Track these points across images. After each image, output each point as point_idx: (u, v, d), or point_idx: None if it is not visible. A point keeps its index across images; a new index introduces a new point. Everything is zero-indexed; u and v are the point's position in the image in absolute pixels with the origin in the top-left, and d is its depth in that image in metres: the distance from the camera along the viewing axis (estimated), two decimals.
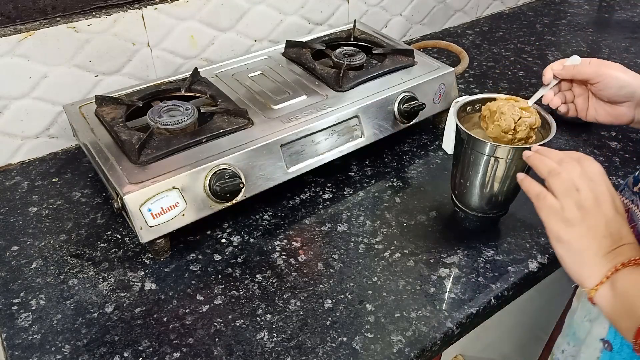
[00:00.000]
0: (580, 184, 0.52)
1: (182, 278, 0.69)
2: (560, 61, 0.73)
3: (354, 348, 0.61)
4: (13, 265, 0.71)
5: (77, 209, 0.80)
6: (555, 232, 0.52)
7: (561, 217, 0.52)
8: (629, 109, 0.69)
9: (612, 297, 0.48)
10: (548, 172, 0.54)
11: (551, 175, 0.54)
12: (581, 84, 0.73)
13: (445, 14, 1.37)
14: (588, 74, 0.69)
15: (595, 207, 0.51)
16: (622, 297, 0.48)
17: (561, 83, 0.74)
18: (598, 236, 0.50)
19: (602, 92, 0.69)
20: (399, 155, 0.92)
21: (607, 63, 0.69)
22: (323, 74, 0.89)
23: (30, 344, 0.61)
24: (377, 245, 0.74)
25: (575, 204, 0.51)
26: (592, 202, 0.51)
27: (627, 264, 0.48)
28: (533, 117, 0.69)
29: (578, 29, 1.41)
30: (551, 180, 0.54)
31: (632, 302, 0.47)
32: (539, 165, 0.56)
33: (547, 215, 0.53)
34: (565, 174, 0.53)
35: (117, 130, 0.74)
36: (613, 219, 0.51)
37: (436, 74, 0.91)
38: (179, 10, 0.93)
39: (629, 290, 0.47)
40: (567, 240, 0.51)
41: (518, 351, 0.96)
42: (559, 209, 0.52)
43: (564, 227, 0.51)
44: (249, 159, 0.73)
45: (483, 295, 0.67)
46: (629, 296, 0.47)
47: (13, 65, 0.82)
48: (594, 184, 0.52)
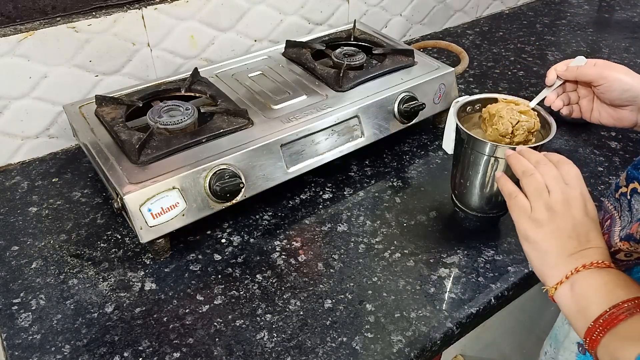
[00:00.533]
0: (553, 185, 0.53)
1: (182, 278, 0.69)
2: (565, 62, 0.72)
3: (354, 348, 0.61)
4: (13, 265, 0.71)
5: (77, 209, 0.80)
6: (524, 231, 0.53)
7: (530, 217, 0.53)
8: (632, 113, 0.69)
9: (570, 297, 0.50)
10: (522, 172, 0.56)
11: (525, 175, 0.55)
12: (586, 86, 0.73)
13: (445, 14, 1.37)
14: (591, 75, 0.69)
15: (564, 210, 0.52)
16: (579, 297, 0.49)
17: (566, 84, 0.74)
18: (564, 237, 0.51)
19: (604, 95, 0.69)
20: (399, 155, 0.92)
21: (612, 65, 0.69)
22: (323, 74, 0.89)
23: (30, 344, 0.61)
24: (377, 245, 0.74)
25: (544, 204, 0.53)
26: (561, 204, 0.52)
27: (588, 266, 0.50)
28: (532, 120, 0.68)
29: (578, 29, 1.41)
30: (524, 180, 0.55)
31: (586, 303, 0.49)
32: (515, 164, 0.57)
33: (517, 215, 0.54)
34: (539, 175, 0.54)
35: (117, 130, 0.74)
36: (581, 222, 0.52)
37: (436, 74, 0.91)
38: (179, 10, 0.93)
39: (585, 291, 0.49)
40: (534, 239, 0.53)
41: (518, 351, 0.96)
42: (528, 209, 0.53)
43: (532, 227, 0.53)
44: (249, 159, 0.73)
45: (483, 295, 0.67)
46: (584, 297, 0.49)
47: (13, 65, 0.82)
48: (567, 187, 0.53)
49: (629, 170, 0.56)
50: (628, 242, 0.51)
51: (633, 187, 0.54)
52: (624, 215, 0.55)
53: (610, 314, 0.47)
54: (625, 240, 0.51)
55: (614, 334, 0.46)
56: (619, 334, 0.46)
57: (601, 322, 0.47)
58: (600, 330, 0.47)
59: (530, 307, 0.87)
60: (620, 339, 0.46)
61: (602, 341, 0.47)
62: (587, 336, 0.48)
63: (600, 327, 0.47)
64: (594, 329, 0.47)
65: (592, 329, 0.47)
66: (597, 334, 0.47)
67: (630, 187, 0.55)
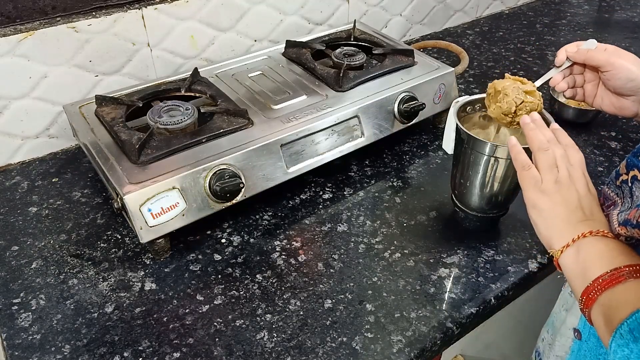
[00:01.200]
0: (560, 164, 0.57)
1: (182, 278, 0.69)
2: (576, 43, 0.72)
3: (354, 348, 0.61)
4: (13, 265, 0.71)
5: (77, 209, 0.80)
6: (532, 199, 0.57)
7: (539, 187, 0.56)
8: (634, 104, 0.69)
9: (575, 259, 0.52)
10: (538, 147, 0.58)
11: (540, 150, 0.58)
12: (593, 70, 0.73)
13: (445, 14, 1.37)
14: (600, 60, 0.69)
15: (569, 184, 0.56)
16: (582, 260, 0.52)
17: (574, 66, 0.74)
18: (570, 207, 0.55)
19: (609, 81, 0.69)
20: (399, 155, 0.92)
21: (621, 53, 0.69)
22: (323, 74, 0.89)
23: (30, 344, 0.61)
24: (377, 245, 0.74)
25: (553, 178, 0.56)
26: (567, 179, 0.56)
27: (594, 233, 0.52)
28: (536, 102, 0.68)
29: (578, 29, 1.41)
30: (538, 154, 0.58)
31: (589, 265, 0.51)
32: (532, 137, 0.59)
33: (527, 184, 0.58)
34: (551, 152, 0.58)
35: (117, 130, 0.74)
36: (585, 196, 0.56)
37: (436, 74, 0.91)
38: (179, 10, 0.93)
39: (590, 255, 0.51)
40: (541, 207, 0.56)
41: (518, 351, 0.96)
42: (538, 180, 0.57)
43: (541, 196, 0.56)
44: (249, 159, 0.73)
45: (483, 295, 0.67)
46: (588, 260, 0.51)
47: (13, 65, 0.82)
48: (572, 168, 0.57)
49: (629, 159, 0.58)
50: (625, 227, 0.53)
51: (633, 175, 0.57)
52: (626, 201, 0.57)
53: (610, 275, 0.48)
54: (623, 225, 0.53)
55: (610, 294, 0.48)
56: (615, 295, 0.48)
57: (600, 281, 0.49)
58: (598, 289, 0.49)
59: (530, 307, 0.87)
60: (615, 299, 0.48)
61: (598, 299, 0.49)
62: (584, 295, 0.50)
63: (599, 287, 0.49)
64: (592, 287, 0.49)
65: (590, 287, 0.49)
66: (594, 292, 0.49)
67: (631, 175, 0.57)
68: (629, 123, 1.02)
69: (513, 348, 0.95)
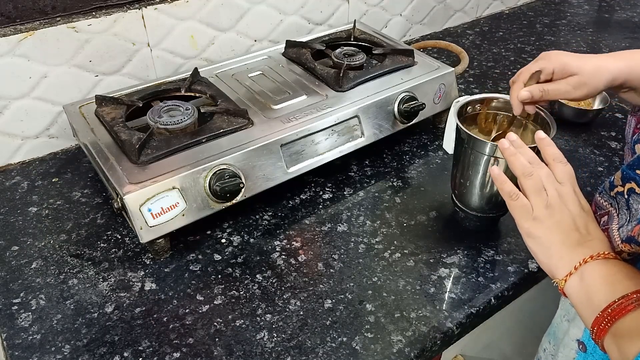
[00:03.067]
0: (547, 185, 0.55)
1: (182, 278, 0.69)
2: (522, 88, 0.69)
3: (354, 348, 0.61)
4: (13, 265, 0.71)
5: (77, 209, 0.80)
6: (526, 229, 0.55)
7: (531, 216, 0.55)
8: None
9: (580, 287, 0.51)
10: (522, 174, 0.57)
11: (524, 175, 0.57)
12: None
13: (445, 14, 1.37)
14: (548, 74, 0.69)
15: (560, 205, 0.54)
16: (587, 287, 0.50)
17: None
18: (565, 230, 0.53)
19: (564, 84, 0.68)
20: (399, 155, 0.92)
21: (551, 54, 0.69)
22: (323, 74, 0.89)
23: (30, 344, 0.61)
24: (377, 245, 0.74)
25: (543, 202, 0.55)
26: (557, 201, 0.54)
27: (595, 257, 0.51)
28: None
29: (578, 29, 1.41)
30: (524, 181, 0.57)
31: (594, 293, 0.50)
32: (514, 163, 0.58)
33: (519, 214, 0.56)
34: (537, 175, 0.56)
35: (117, 130, 0.74)
36: (579, 215, 0.54)
37: (436, 74, 0.91)
38: (179, 10, 0.93)
39: (594, 281, 0.50)
40: (536, 235, 0.55)
41: (518, 351, 0.96)
42: (529, 208, 0.55)
43: (534, 224, 0.55)
44: (249, 159, 0.73)
45: (483, 295, 0.67)
46: (593, 287, 0.50)
47: (13, 65, 0.82)
48: (560, 185, 0.55)
49: (624, 170, 0.56)
50: (629, 245, 0.52)
51: (630, 187, 0.55)
52: (622, 213, 0.56)
53: (618, 305, 0.47)
54: (627, 243, 0.52)
55: (620, 324, 0.47)
56: (626, 324, 0.47)
57: (609, 312, 0.48)
58: (608, 320, 0.48)
59: (530, 307, 0.87)
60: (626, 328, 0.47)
61: (610, 330, 0.48)
62: (595, 325, 0.49)
63: (608, 317, 0.48)
64: (601, 318, 0.48)
65: (599, 318, 0.48)
66: (605, 323, 0.48)
67: (627, 187, 0.55)
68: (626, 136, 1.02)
69: (513, 348, 0.95)
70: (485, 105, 0.77)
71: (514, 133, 0.62)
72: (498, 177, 0.59)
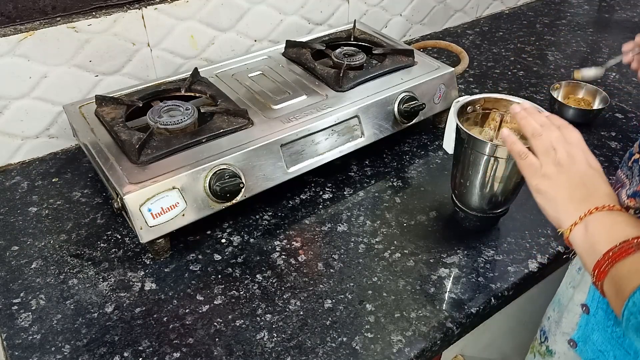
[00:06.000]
0: (557, 145, 0.58)
1: (182, 278, 0.69)
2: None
3: (354, 348, 0.61)
4: (13, 265, 0.71)
5: (77, 209, 0.80)
6: (535, 185, 0.58)
7: (540, 173, 0.57)
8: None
9: (584, 236, 0.53)
10: (532, 134, 0.59)
11: (534, 136, 0.59)
12: None
13: (445, 14, 1.37)
14: None
15: (569, 164, 0.56)
16: (592, 235, 0.53)
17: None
18: (573, 185, 0.55)
19: None
20: (399, 155, 0.92)
21: None
22: (323, 74, 0.89)
23: (30, 344, 0.61)
24: (377, 245, 0.74)
25: (552, 161, 0.57)
26: (566, 159, 0.57)
27: (600, 208, 0.53)
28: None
29: (578, 29, 1.41)
30: (534, 141, 0.59)
31: (598, 240, 0.52)
32: (525, 125, 0.60)
33: (528, 172, 0.58)
34: (546, 136, 0.58)
35: (117, 130, 0.74)
36: (586, 172, 0.56)
37: (436, 74, 0.91)
38: (179, 10, 0.93)
39: (598, 230, 0.52)
40: (545, 190, 0.57)
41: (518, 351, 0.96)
42: (538, 166, 0.58)
43: (543, 180, 0.57)
44: (249, 159, 0.73)
45: (483, 295, 0.67)
46: (597, 235, 0.52)
47: (13, 65, 0.82)
48: (569, 146, 0.58)
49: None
50: (634, 199, 0.54)
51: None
52: (634, 181, 0.58)
53: (620, 248, 0.49)
54: (632, 197, 0.54)
55: (620, 266, 0.49)
56: (626, 266, 0.49)
57: (610, 254, 0.50)
58: (609, 262, 0.50)
59: (530, 307, 0.87)
60: (626, 270, 0.49)
61: (610, 272, 0.50)
62: (596, 268, 0.51)
63: (609, 260, 0.50)
64: (602, 261, 0.50)
65: (600, 261, 0.50)
66: (606, 265, 0.50)
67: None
68: (628, 123, 1.02)
69: (513, 348, 0.95)
70: (485, 105, 0.77)
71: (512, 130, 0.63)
72: (508, 137, 0.61)
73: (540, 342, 0.73)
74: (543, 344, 0.72)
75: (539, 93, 1.10)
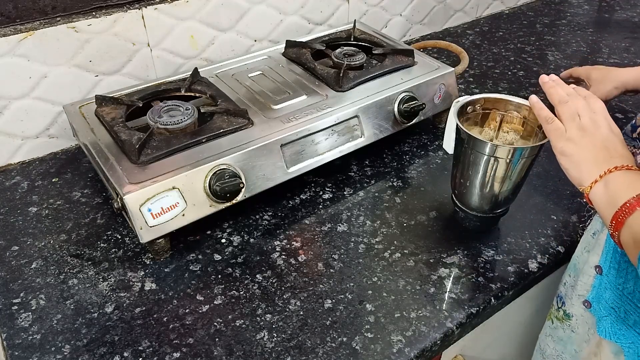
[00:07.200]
0: (582, 112, 0.61)
1: (182, 278, 0.69)
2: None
3: (354, 348, 0.61)
4: (13, 265, 0.71)
5: (77, 209, 0.80)
6: (559, 148, 0.61)
7: (565, 137, 0.61)
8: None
9: (604, 192, 0.57)
10: (558, 101, 0.63)
11: (560, 103, 0.63)
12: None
13: (445, 14, 1.37)
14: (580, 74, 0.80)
15: (593, 128, 0.60)
16: (611, 191, 0.56)
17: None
18: (595, 149, 0.59)
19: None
20: (399, 155, 0.92)
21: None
22: (323, 74, 0.89)
23: (30, 344, 0.61)
24: (377, 245, 0.74)
25: (576, 126, 0.61)
26: (590, 124, 0.60)
27: (620, 167, 0.57)
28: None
29: (578, 29, 1.41)
30: (560, 108, 0.63)
31: (617, 194, 0.55)
32: (552, 93, 0.64)
33: (554, 136, 0.62)
34: (572, 103, 0.62)
35: (117, 130, 0.74)
36: (608, 137, 0.60)
37: (436, 74, 0.91)
38: (179, 10, 0.93)
39: (618, 186, 0.56)
40: (569, 153, 0.60)
41: (518, 351, 0.96)
42: (563, 130, 0.61)
43: (567, 143, 0.61)
44: (249, 159, 0.73)
45: (483, 295, 0.67)
46: (616, 191, 0.56)
47: (13, 65, 0.82)
48: (593, 114, 0.61)
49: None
50: None
51: None
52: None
53: (636, 199, 0.53)
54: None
55: (637, 215, 0.52)
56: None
57: (628, 205, 0.53)
58: (626, 212, 0.53)
59: (530, 307, 0.87)
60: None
61: (626, 222, 0.53)
62: (614, 219, 0.54)
63: (626, 210, 0.53)
64: (620, 211, 0.54)
65: (618, 212, 0.54)
66: (623, 215, 0.53)
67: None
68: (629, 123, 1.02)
69: (513, 348, 0.95)
70: (485, 105, 0.77)
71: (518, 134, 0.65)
72: (536, 103, 0.65)
73: (557, 308, 0.75)
74: (560, 309, 0.74)
75: (538, 93, 1.10)
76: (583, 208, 0.81)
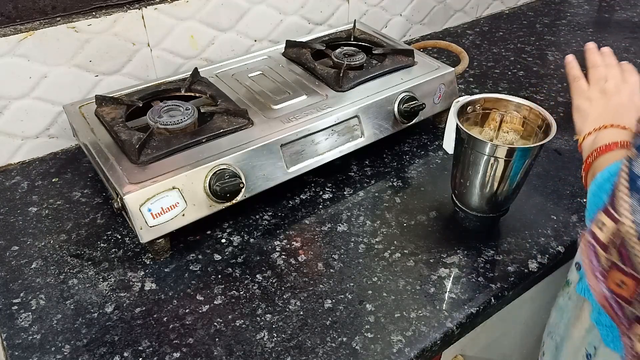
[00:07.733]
0: (610, 78, 0.65)
1: (182, 278, 0.69)
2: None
3: (354, 348, 0.61)
4: (13, 265, 0.71)
5: (77, 209, 0.80)
6: (577, 104, 0.66)
7: (585, 95, 0.66)
8: None
9: (591, 142, 0.61)
10: (591, 65, 0.69)
11: (592, 67, 0.69)
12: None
13: (445, 14, 1.37)
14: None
15: (613, 93, 0.64)
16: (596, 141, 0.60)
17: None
18: (607, 110, 0.63)
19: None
20: (399, 155, 0.92)
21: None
22: (323, 74, 0.89)
23: (30, 344, 0.61)
24: (377, 245, 0.74)
25: (599, 88, 0.65)
26: (612, 89, 0.64)
27: (615, 125, 0.60)
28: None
29: (578, 29, 1.41)
30: (590, 71, 0.69)
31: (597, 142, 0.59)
32: (589, 57, 0.70)
33: (575, 93, 0.67)
34: (603, 69, 0.67)
35: (117, 130, 0.74)
36: (625, 104, 0.63)
37: (436, 74, 0.91)
38: (179, 10, 0.93)
39: (603, 137, 0.60)
40: (582, 109, 0.65)
41: (518, 351, 0.96)
42: (585, 89, 0.66)
43: (584, 101, 0.65)
44: (249, 159, 0.73)
45: (483, 295, 0.67)
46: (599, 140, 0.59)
47: (13, 65, 0.82)
48: (622, 83, 0.65)
49: None
50: None
51: None
52: None
53: (607, 146, 0.57)
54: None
55: (602, 159, 0.57)
56: (606, 159, 0.57)
57: (598, 150, 0.58)
58: (594, 156, 0.58)
59: (530, 307, 0.87)
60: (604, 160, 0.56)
61: (593, 164, 0.58)
62: (586, 161, 0.60)
63: (596, 154, 0.58)
64: (590, 155, 0.59)
65: (589, 155, 0.59)
66: (590, 157, 0.59)
67: None
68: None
69: (513, 348, 0.95)
70: (485, 105, 0.77)
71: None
72: (571, 62, 0.71)
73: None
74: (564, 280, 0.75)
75: (539, 93, 1.10)
76: (583, 208, 0.81)
